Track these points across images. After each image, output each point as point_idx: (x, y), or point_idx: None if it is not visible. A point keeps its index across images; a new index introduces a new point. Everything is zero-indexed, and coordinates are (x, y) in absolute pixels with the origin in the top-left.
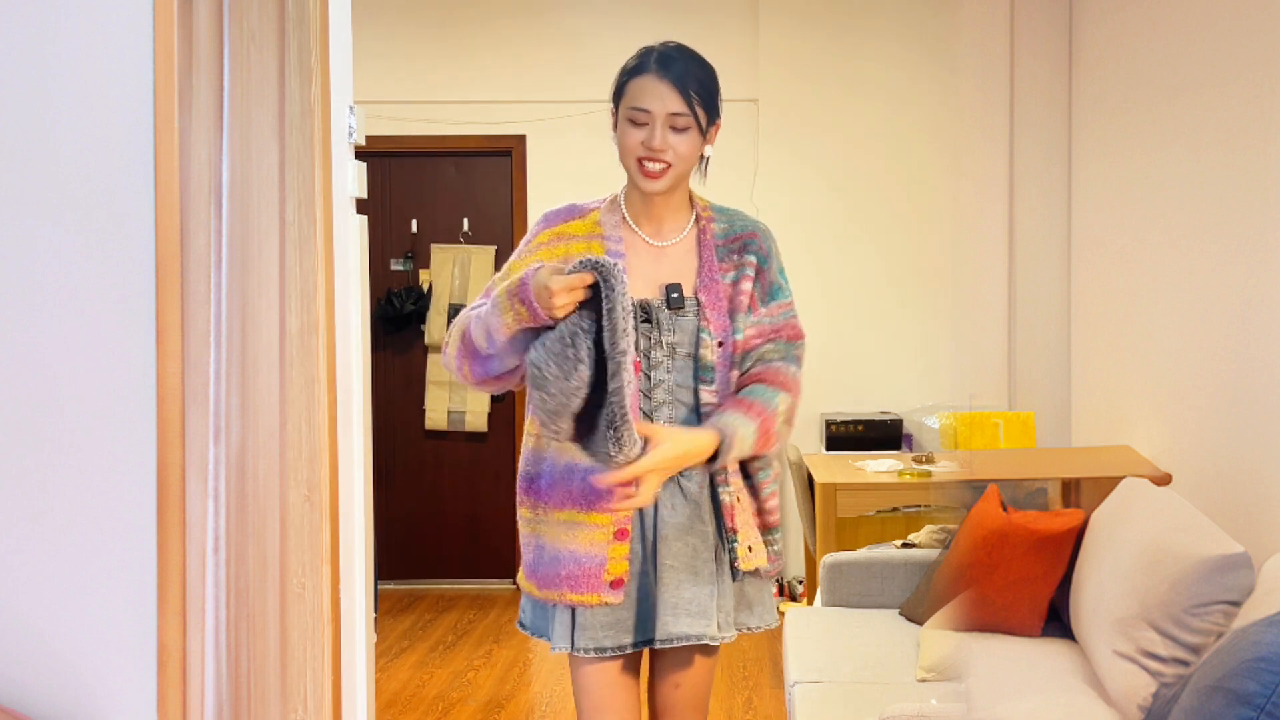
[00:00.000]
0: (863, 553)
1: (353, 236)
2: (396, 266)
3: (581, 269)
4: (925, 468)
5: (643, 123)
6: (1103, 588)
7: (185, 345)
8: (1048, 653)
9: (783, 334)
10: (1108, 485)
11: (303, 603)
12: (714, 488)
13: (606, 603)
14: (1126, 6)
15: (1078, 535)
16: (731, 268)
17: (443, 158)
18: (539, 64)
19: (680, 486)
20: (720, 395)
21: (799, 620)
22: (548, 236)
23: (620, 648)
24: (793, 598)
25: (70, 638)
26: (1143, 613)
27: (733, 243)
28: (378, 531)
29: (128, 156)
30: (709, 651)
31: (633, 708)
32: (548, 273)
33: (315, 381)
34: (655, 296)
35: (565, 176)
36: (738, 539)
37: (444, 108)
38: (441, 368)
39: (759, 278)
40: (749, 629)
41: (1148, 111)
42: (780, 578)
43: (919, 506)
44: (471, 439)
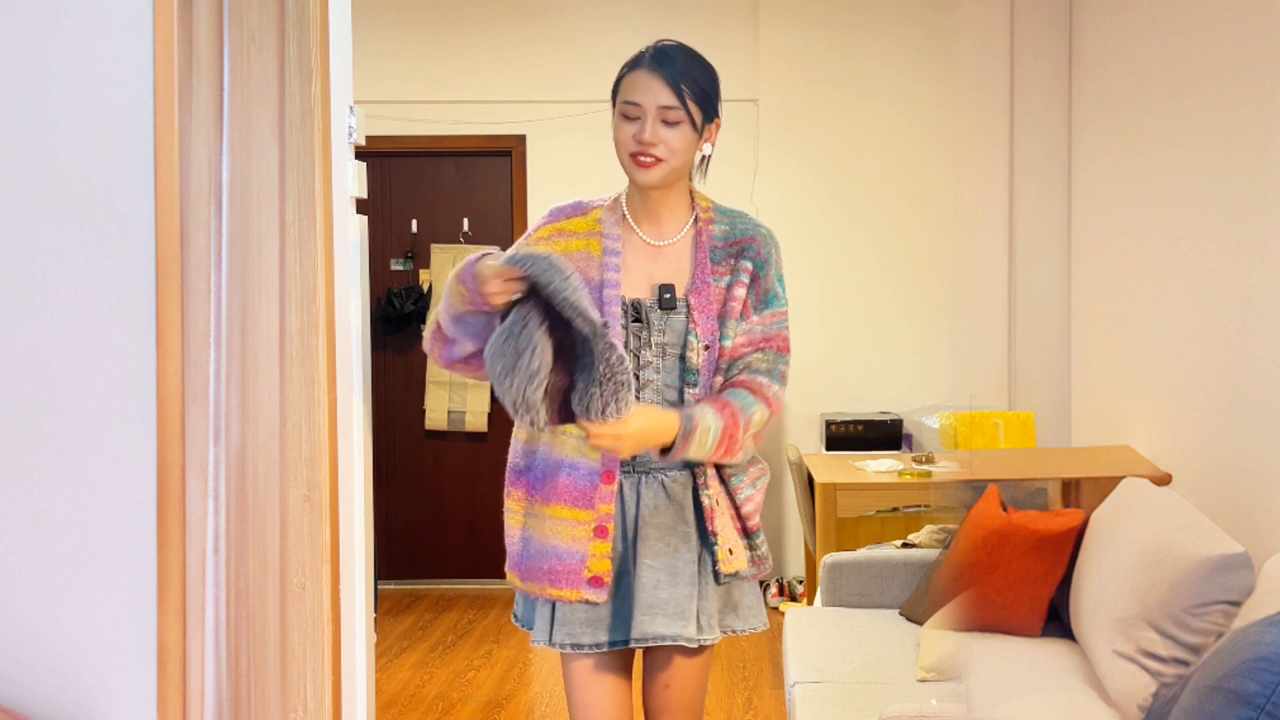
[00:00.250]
0: (863, 553)
1: (353, 236)
2: (396, 266)
3: (511, 264)
4: (925, 468)
5: (634, 116)
6: (1103, 588)
7: (185, 345)
8: (1048, 653)
9: (772, 344)
10: (1108, 485)
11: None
12: (695, 490)
13: (586, 599)
14: (1126, 6)
15: (1078, 535)
16: (726, 272)
17: (443, 158)
18: (539, 64)
19: (664, 487)
20: (703, 398)
21: (799, 620)
22: (548, 231)
23: (598, 645)
24: (793, 598)
25: (70, 638)
26: (1143, 613)
27: (730, 246)
28: (378, 531)
29: (128, 156)
30: (693, 652)
31: (621, 705)
32: (489, 261)
33: (315, 381)
34: (648, 296)
35: (565, 177)
36: (718, 541)
37: (444, 108)
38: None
39: (754, 284)
40: (734, 632)
41: (1148, 111)
42: (780, 578)
43: (919, 506)
44: (471, 439)
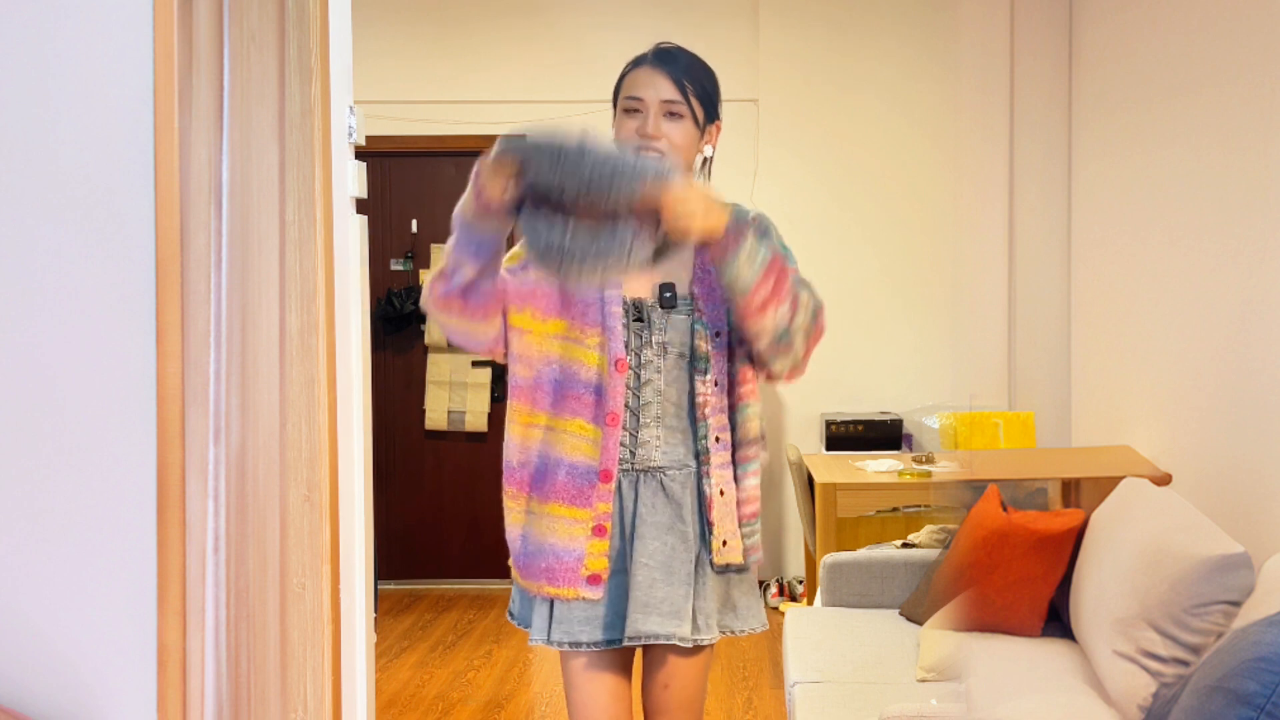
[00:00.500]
0: (863, 553)
1: (353, 236)
2: (396, 266)
3: (500, 155)
4: (925, 468)
5: (636, 109)
6: (1103, 588)
7: (185, 345)
8: (1048, 653)
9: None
10: (1108, 485)
11: (303, 603)
12: (698, 484)
13: (584, 597)
14: (1126, 6)
15: (1078, 535)
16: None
17: (443, 158)
18: (539, 64)
19: (663, 485)
20: (716, 385)
21: (799, 620)
22: None
23: (595, 643)
24: (793, 598)
25: (70, 638)
26: (1143, 613)
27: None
28: (378, 531)
29: (128, 156)
30: (690, 652)
31: (620, 704)
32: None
33: (315, 381)
34: (649, 296)
35: None
36: (714, 532)
37: (444, 108)
38: (441, 367)
39: None
40: (733, 632)
41: (1148, 111)
42: (780, 578)
43: (919, 506)
44: (471, 439)
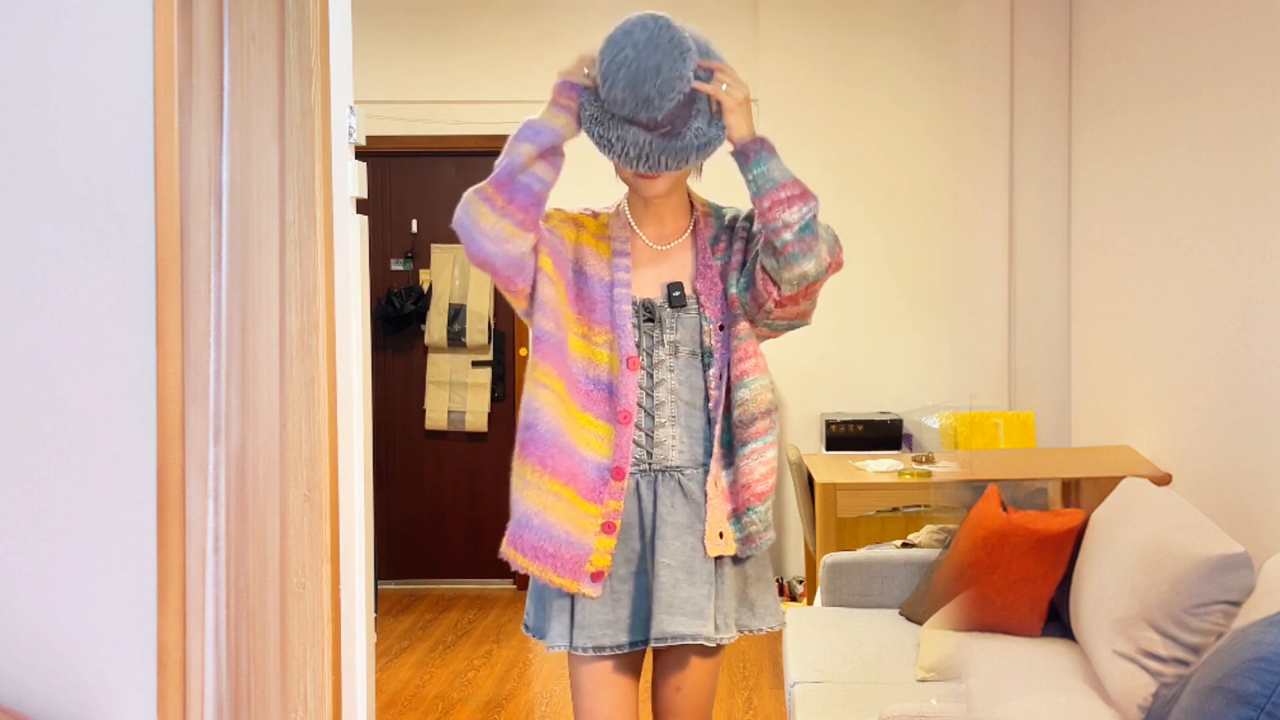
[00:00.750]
0: (863, 553)
1: (353, 236)
2: (396, 266)
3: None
4: (925, 468)
5: None
6: (1103, 588)
7: (185, 345)
8: (1048, 653)
9: None
10: (1108, 485)
11: (303, 603)
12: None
13: (585, 594)
14: (1126, 6)
15: (1078, 535)
16: (723, 248)
17: (443, 158)
18: (539, 64)
19: (680, 485)
20: (720, 377)
21: (799, 620)
22: (566, 215)
23: (619, 646)
24: (793, 598)
25: (70, 638)
26: (1143, 613)
27: (725, 228)
28: (378, 531)
29: (128, 156)
30: (708, 653)
31: (630, 710)
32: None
33: (315, 381)
34: (658, 296)
35: (564, 176)
36: (706, 526)
37: (444, 108)
38: (441, 367)
39: (751, 239)
40: (750, 631)
41: (1148, 111)
42: (780, 578)
43: (919, 506)
44: (471, 439)
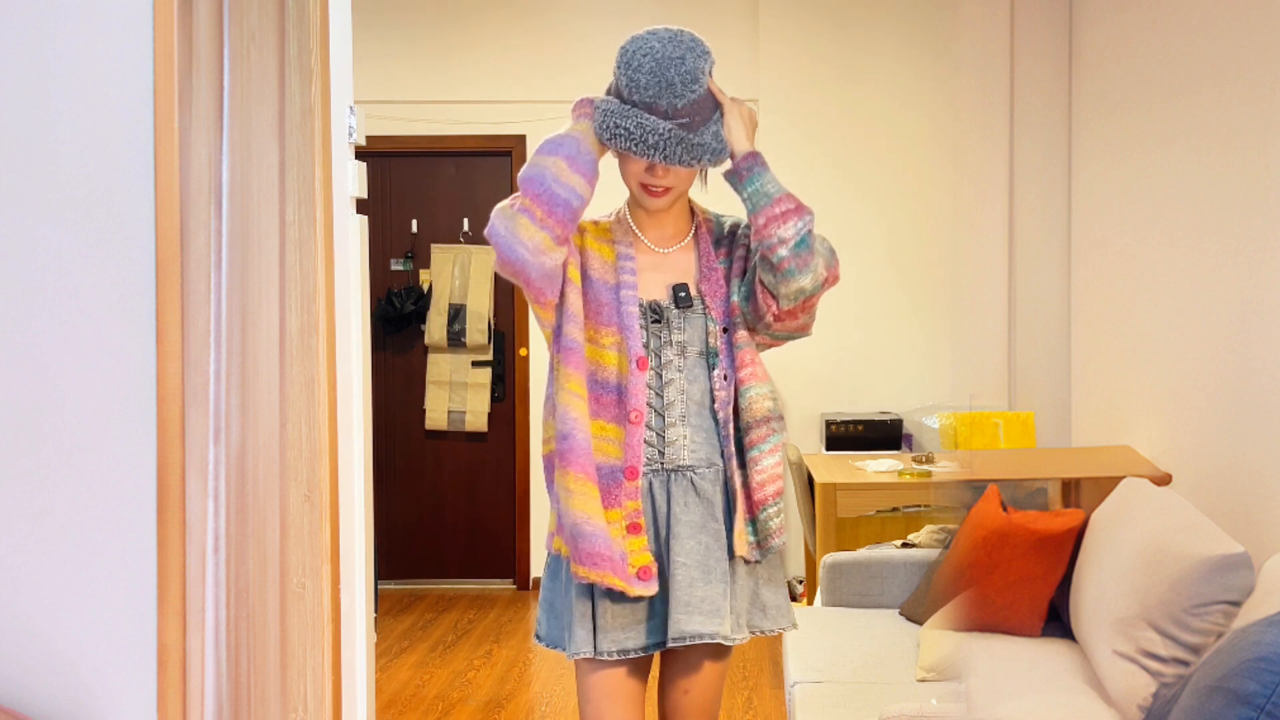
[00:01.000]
0: (863, 553)
1: (353, 236)
2: (396, 266)
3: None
4: (925, 468)
5: None
6: (1103, 588)
7: (185, 345)
8: (1048, 653)
9: None
10: (1108, 485)
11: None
12: (726, 483)
13: (639, 594)
14: (1126, 6)
15: (1078, 535)
16: (725, 253)
17: (443, 158)
18: (539, 64)
19: (693, 484)
20: (725, 379)
21: (799, 620)
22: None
23: (642, 649)
24: (793, 598)
25: (70, 638)
26: (1143, 613)
27: (728, 233)
28: (378, 531)
29: (128, 156)
30: (720, 655)
31: (637, 715)
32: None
33: (315, 381)
34: (664, 298)
35: None
36: (734, 528)
37: (444, 108)
38: (441, 367)
39: (750, 248)
40: (762, 632)
41: (1148, 111)
42: None
43: (919, 506)
44: (471, 439)
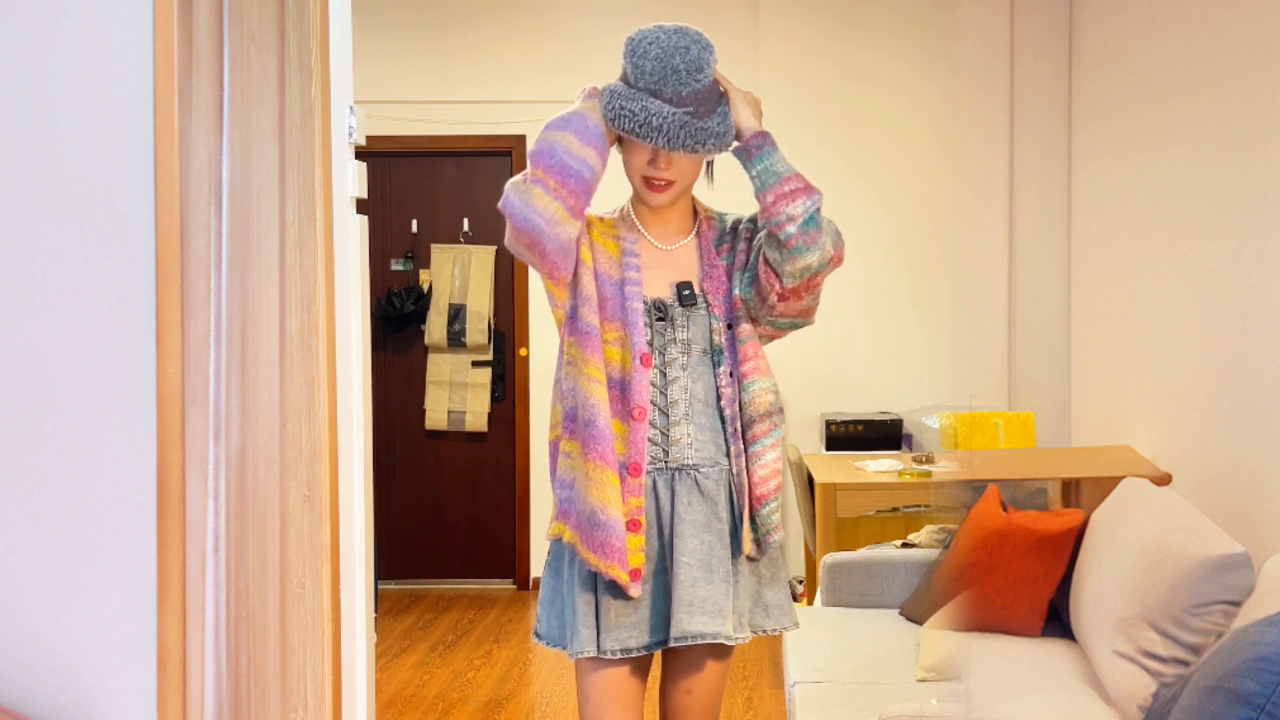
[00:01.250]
0: (863, 553)
1: (353, 236)
2: (396, 266)
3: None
4: (925, 468)
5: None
6: (1103, 588)
7: (185, 345)
8: (1048, 653)
9: None
10: (1108, 485)
11: (303, 603)
12: (730, 483)
13: (629, 593)
14: (1126, 6)
15: (1078, 535)
16: (727, 249)
17: (443, 158)
18: (539, 64)
19: (697, 483)
20: (730, 376)
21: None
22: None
23: (645, 647)
24: (793, 598)
25: (70, 638)
26: (1143, 613)
27: (729, 230)
28: (378, 531)
29: (128, 156)
30: (722, 655)
31: (638, 715)
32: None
33: (315, 381)
34: (668, 296)
35: None
36: (742, 526)
37: (444, 108)
38: (441, 367)
39: (752, 236)
40: (765, 631)
41: (1148, 111)
42: None
43: (919, 506)
44: (471, 439)
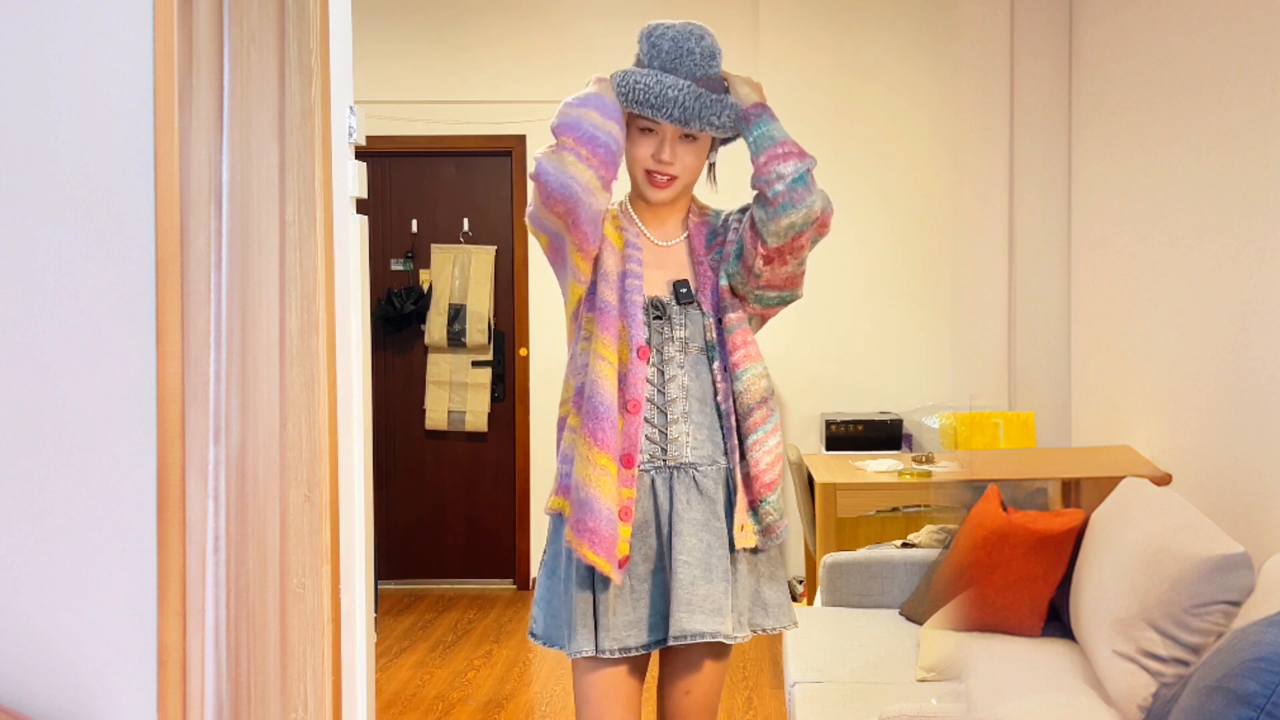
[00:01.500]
0: (863, 553)
1: (353, 236)
2: (396, 266)
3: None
4: (925, 468)
5: (651, 129)
6: (1103, 588)
7: (185, 345)
8: (1048, 653)
9: None
10: (1108, 485)
11: (303, 603)
12: (728, 482)
13: (613, 579)
14: (1126, 6)
15: (1078, 535)
16: (718, 244)
17: (443, 158)
18: (539, 64)
19: (695, 482)
20: (724, 370)
21: (799, 620)
22: None
23: (643, 646)
24: (793, 597)
25: (70, 638)
26: (1143, 613)
27: (719, 226)
28: (378, 531)
29: (128, 156)
30: (720, 655)
31: (636, 714)
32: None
33: (315, 381)
34: (665, 294)
35: None
36: (734, 518)
37: (444, 108)
38: (441, 367)
39: (740, 224)
40: (764, 630)
41: (1148, 111)
42: None
43: (919, 506)
44: (471, 439)
